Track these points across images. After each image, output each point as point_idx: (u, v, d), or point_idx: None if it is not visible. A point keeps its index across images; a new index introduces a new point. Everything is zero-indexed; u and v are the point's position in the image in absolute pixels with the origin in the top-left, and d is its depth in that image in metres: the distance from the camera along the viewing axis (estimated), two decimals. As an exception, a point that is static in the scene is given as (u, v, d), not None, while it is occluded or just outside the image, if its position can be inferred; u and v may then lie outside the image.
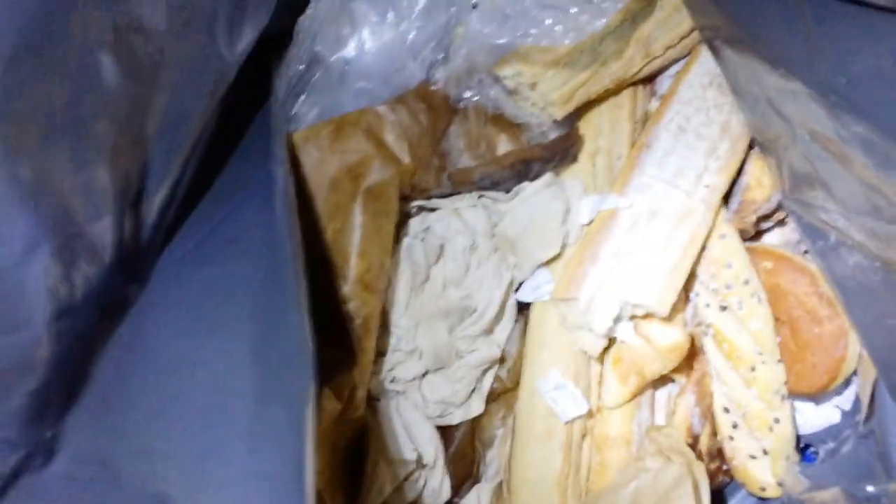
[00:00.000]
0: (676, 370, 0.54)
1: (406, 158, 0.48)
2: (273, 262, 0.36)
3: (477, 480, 0.56)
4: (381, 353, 0.52)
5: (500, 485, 0.56)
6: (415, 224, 0.52)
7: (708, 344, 0.54)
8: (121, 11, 0.27)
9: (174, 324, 0.35)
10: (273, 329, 0.34)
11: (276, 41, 0.50)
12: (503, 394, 0.56)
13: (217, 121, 0.39)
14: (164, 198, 0.35)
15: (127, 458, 0.33)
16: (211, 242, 0.38)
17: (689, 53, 0.56)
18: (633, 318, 0.51)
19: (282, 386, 0.32)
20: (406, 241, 0.52)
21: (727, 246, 0.53)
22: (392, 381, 0.52)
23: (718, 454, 0.55)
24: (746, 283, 0.53)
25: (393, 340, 0.52)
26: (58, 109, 0.26)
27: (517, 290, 0.55)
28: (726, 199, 0.54)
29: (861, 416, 0.53)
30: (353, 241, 0.46)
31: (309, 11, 0.49)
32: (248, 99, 0.43)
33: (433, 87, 0.50)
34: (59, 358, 0.31)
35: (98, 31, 0.27)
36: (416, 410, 0.52)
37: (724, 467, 0.55)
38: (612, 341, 0.53)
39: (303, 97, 0.50)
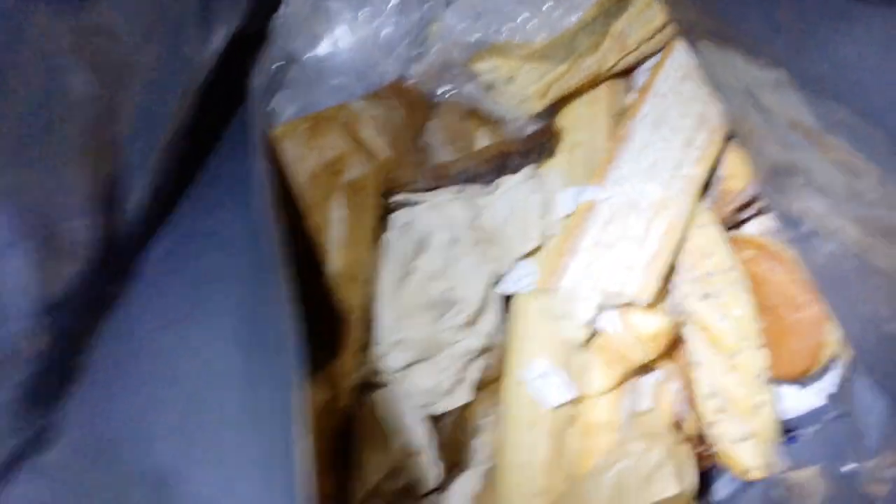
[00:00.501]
0: (661, 357, 0.55)
1: (384, 153, 0.48)
2: (255, 254, 0.37)
3: (466, 467, 0.57)
4: (366, 345, 0.53)
5: (488, 470, 0.56)
6: (396, 219, 0.53)
7: (690, 332, 0.55)
8: (82, 16, 0.28)
9: (159, 317, 0.36)
10: (258, 317, 0.35)
11: (251, 40, 0.50)
12: (490, 383, 0.57)
13: (194, 119, 0.39)
14: (142, 196, 0.35)
15: (124, 441, 0.33)
16: (192, 237, 0.38)
17: (664, 47, 0.56)
18: (615, 307, 0.52)
19: (269, 370, 0.33)
20: (388, 236, 0.52)
21: (707, 235, 0.54)
22: (378, 372, 0.53)
23: (703, 439, 0.56)
24: (727, 271, 0.53)
25: (378, 332, 0.53)
26: (24, 114, 0.26)
27: (500, 282, 0.56)
28: (706, 189, 0.55)
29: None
30: (335, 236, 0.47)
31: (283, 10, 0.49)
32: (226, 96, 0.43)
33: (408, 83, 0.51)
34: (46, 352, 0.31)
35: (59, 35, 0.27)
36: (403, 400, 0.53)
37: (709, 452, 0.56)
38: (595, 330, 0.53)
39: (279, 94, 0.51)
